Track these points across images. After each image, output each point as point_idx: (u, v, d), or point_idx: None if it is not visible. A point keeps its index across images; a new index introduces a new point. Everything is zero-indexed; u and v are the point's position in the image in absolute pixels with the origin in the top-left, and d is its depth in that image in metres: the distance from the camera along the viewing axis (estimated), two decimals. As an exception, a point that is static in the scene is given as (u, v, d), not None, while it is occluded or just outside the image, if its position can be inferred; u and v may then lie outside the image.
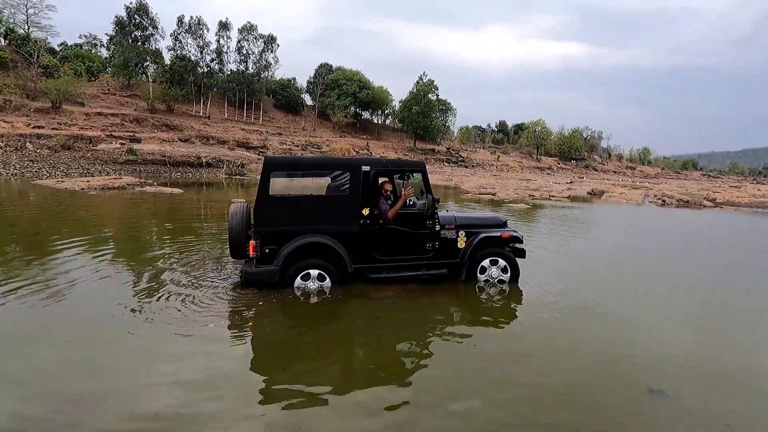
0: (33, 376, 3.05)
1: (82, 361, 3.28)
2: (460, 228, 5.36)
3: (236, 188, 20.25)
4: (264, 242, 4.71)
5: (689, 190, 30.86)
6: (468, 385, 3.19)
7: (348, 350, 3.86)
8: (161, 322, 3.97)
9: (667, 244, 9.95)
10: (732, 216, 17.80)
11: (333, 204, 4.99)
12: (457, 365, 3.51)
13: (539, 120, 65.73)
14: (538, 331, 4.31)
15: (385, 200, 5.20)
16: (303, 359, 3.55)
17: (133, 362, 3.26)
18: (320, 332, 4.13)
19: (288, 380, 3.20)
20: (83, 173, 21.82)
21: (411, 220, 5.15)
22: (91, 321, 3.98)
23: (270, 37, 46.07)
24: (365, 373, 3.45)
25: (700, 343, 4.19)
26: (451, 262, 5.34)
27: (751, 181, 63.62)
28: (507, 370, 3.44)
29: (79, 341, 3.60)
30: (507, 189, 24.10)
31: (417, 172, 5.41)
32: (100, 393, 2.87)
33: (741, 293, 6.06)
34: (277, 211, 4.81)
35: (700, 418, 2.87)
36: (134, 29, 40.70)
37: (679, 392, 3.17)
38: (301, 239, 4.75)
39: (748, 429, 2.81)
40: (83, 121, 29.99)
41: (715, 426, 2.80)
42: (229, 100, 44.68)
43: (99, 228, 8.76)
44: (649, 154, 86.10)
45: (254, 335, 3.94)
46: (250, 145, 36.12)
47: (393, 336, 4.11)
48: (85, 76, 37.65)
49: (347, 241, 4.91)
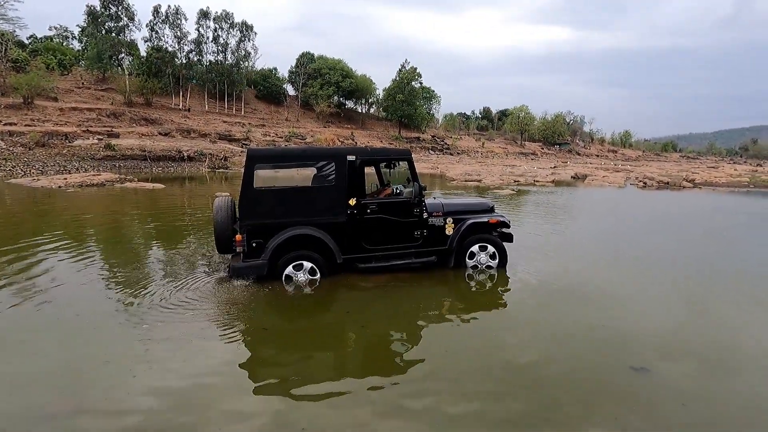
0: (10, 381, 2.98)
1: (62, 364, 3.21)
2: (448, 215, 5.38)
3: (220, 182, 19.94)
4: (250, 236, 4.65)
5: (669, 171, 31.50)
6: (453, 373, 3.22)
7: (334, 343, 3.87)
8: (146, 321, 3.91)
9: (648, 226, 10.17)
10: (711, 196, 18.25)
11: (319, 195, 4.96)
12: (442, 353, 3.55)
13: (523, 106, 66.06)
14: (523, 314, 4.38)
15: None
16: (293, 353, 3.55)
17: (117, 363, 3.21)
18: (308, 325, 4.12)
19: (277, 374, 3.19)
20: (60, 170, 21.20)
21: (398, 208, 5.15)
22: (73, 321, 3.90)
23: (246, 25, 45.02)
24: (354, 364, 3.46)
25: (684, 321, 4.30)
26: (440, 250, 5.36)
27: (728, 162, 65.26)
28: (494, 355, 3.49)
29: (59, 343, 3.52)
30: (492, 175, 24.24)
31: (403, 161, 5.41)
32: (81, 398, 2.81)
33: (727, 274, 6.22)
34: (263, 203, 4.77)
35: (680, 394, 2.96)
36: (108, 20, 39.32)
37: (661, 369, 3.26)
38: (289, 231, 4.70)
39: (727, 403, 2.91)
40: (57, 117, 29.03)
41: (697, 401, 2.89)
42: (209, 92, 43.68)
43: (80, 227, 8.55)
44: (630, 137, 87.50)
45: (244, 332, 3.91)
46: (233, 138, 35.50)
47: (379, 327, 4.13)
48: (57, 69, 36.40)
49: (335, 231, 4.88)
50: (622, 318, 4.26)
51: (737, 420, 2.72)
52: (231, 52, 44.64)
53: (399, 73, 52.82)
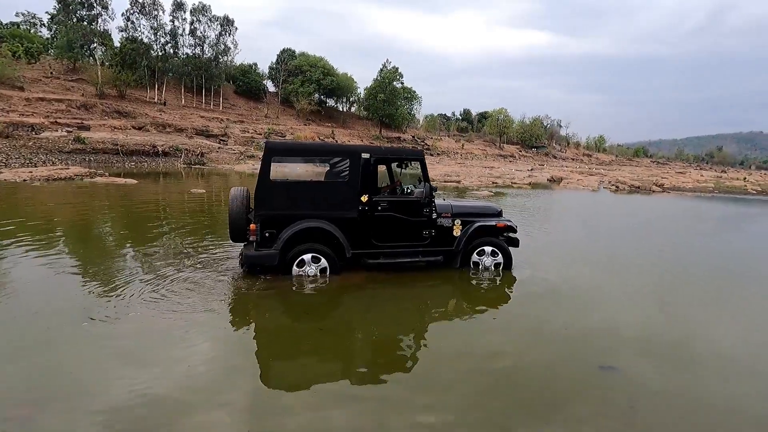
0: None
1: (41, 367, 3.07)
2: (456, 216, 5.47)
3: (196, 178, 19.49)
4: (264, 226, 4.76)
5: (641, 176, 32.60)
6: (437, 376, 3.24)
7: (330, 339, 3.83)
8: (126, 321, 3.76)
9: (622, 229, 10.48)
10: (679, 201, 18.96)
11: (332, 190, 5.08)
12: (426, 357, 3.55)
13: (502, 109, 67.16)
14: (502, 315, 4.45)
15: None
16: (293, 349, 3.49)
17: (101, 367, 3.09)
18: (312, 319, 4.07)
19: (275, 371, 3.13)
20: (25, 163, 20.31)
21: (409, 207, 5.25)
22: (45, 323, 3.72)
23: (226, 19, 44.20)
24: (345, 364, 3.43)
25: (655, 320, 4.43)
26: (447, 250, 5.45)
27: (695, 168, 68.13)
28: (475, 360, 3.52)
29: (33, 347, 3.36)
30: (471, 177, 24.54)
31: (415, 161, 5.53)
32: (63, 404, 2.69)
33: (699, 273, 6.48)
34: (278, 195, 4.86)
35: (646, 390, 3.05)
36: (79, 8, 37.87)
37: (629, 367, 3.35)
38: (301, 224, 4.80)
39: (695, 399, 3.02)
40: (23, 107, 27.77)
41: (663, 395, 2.99)
42: (186, 86, 42.61)
43: (46, 223, 8.20)
44: (604, 142, 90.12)
45: (239, 327, 3.81)
46: (210, 133, 34.80)
47: (384, 327, 4.12)
48: (24, 57, 34.83)
49: (346, 226, 4.97)
50: (593, 318, 4.36)
51: (699, 418, 2.82)
52: (209, 45, 43.75)
53: (380, 73, 52.89)
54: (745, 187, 27.74)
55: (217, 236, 7.18)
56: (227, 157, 29.98)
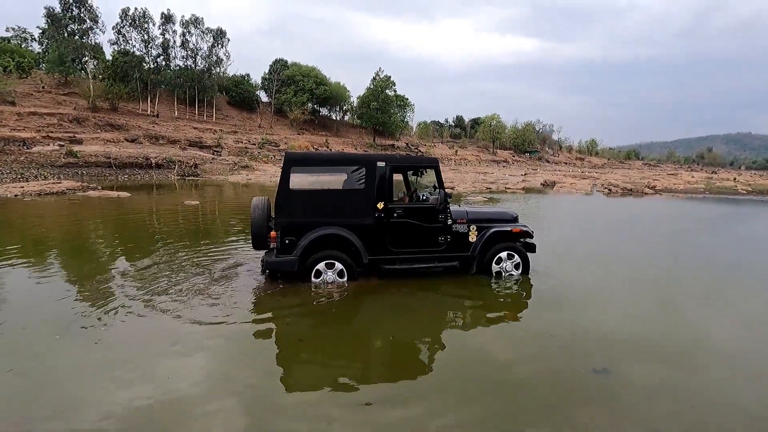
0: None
1: (39, 387, 3.03)
2: (472, 222, 5.54)
3: (190, 190, 19.41)
4: (284, 233, 4.92)
5: (632, 178, 32.89)
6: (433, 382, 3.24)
7: (340, 346, 3.81)
8: (121, 340, 3.73)
9: (616, 231, 10.55)
10: (671, 203, 19.15)
11: (350, 198, 5.18)
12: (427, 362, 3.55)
13: (494, 114, 67.78)
14: (499, 319, 4.45)
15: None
16: (306, 354, 3.47)
17: (95, 384, 3.05)
18: (311, 334, 4.05)
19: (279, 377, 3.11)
20: (16, 178, 20.16)
21: (424, 213, 5.30)
22: (42, 341, 3.68)
23: (219, 31, 44.40)
24: (355, 370, 3.42)
25: (649, 322, 4.45)
26: (463, 255, 5.50)
27: (686, 169, 68.93)
28: (474, 365, 3.52)
29: (28, 366, 3.32)
30: (465, 182, 24.67)
31: (430, 169, 5.64)
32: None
33: (693, 274, 6.54)
34: (297, 204, 5.00)
35: (638, 392, 3.07)
36: (70, 22, 37.88)
37: (622, 370, 3.37)
38: (320, 231, 4.95)
39: (687, 401, 3.03)
40: (15, 122, 27.60)
41: (656, 398, 3.00)
42: (179, 98, 42.62)
43: (39, 239, 8.12)
44: (596, 145, 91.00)
45: (247, 335, 3.79)
46: (204, 145, 34.70)
47: (387, 333, 4.11)
48: (15, 72, 34.70)
49: (363, 233, 5.10)
50: (588, 321, 4.38)
51: (688, 417, 2.84)
52: (202, 57, 43.86)
53: (373, 81, 53.21)
54: (736, 187, 28.06)
55: (213, 243, 7.16)
56: (221, 168, 29.91)
